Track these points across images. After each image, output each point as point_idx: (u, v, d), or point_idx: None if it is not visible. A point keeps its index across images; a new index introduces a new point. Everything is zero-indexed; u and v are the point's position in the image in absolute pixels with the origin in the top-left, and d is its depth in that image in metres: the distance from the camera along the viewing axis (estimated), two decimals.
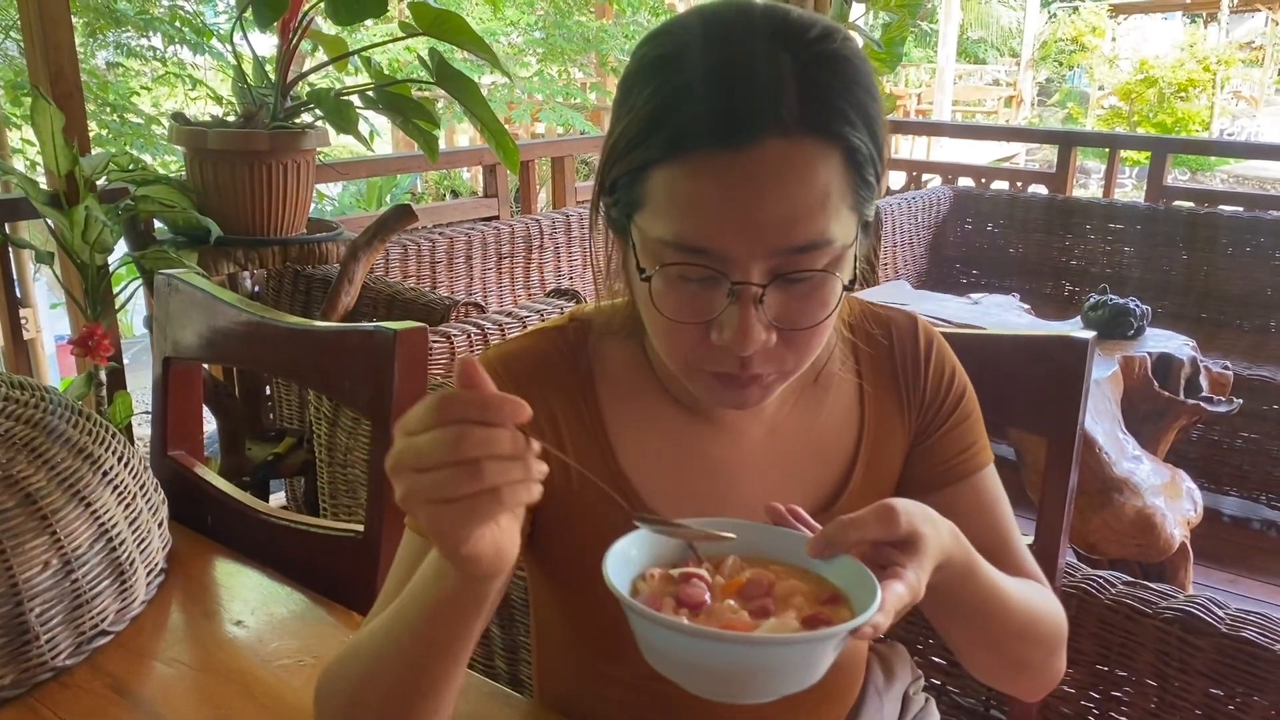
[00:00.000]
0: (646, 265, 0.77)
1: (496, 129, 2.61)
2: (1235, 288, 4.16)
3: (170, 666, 1.06)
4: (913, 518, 0.72)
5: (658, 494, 0.91)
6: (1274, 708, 1.25)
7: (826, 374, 0.95)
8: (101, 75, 6.19)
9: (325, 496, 2.19)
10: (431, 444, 0.61)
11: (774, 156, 0.72)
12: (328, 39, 2.90)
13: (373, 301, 2.66)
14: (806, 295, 0.77)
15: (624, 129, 0.77)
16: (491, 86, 8.83)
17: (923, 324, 0.99)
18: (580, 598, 0.96)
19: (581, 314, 0.96)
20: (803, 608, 0.69)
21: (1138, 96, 13.52)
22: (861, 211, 0.78)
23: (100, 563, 1.09)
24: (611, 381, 0.92)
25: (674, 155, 0.73)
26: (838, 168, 0.74)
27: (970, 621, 0.84)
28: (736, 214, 0.73)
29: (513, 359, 0.92)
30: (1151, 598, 1.34)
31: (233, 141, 2.47)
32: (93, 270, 2.33)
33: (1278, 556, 3.35)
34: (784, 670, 0.66)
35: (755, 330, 0.75)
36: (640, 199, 0.77)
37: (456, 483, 0.61)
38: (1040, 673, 0.94)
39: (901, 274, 4.54)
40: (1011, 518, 0.98)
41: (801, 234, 0.73)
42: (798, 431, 0.94)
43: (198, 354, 1.38)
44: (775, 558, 0.76)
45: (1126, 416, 2.86)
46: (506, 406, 0.62)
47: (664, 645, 0.67)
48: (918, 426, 0.97)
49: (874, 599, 0.66)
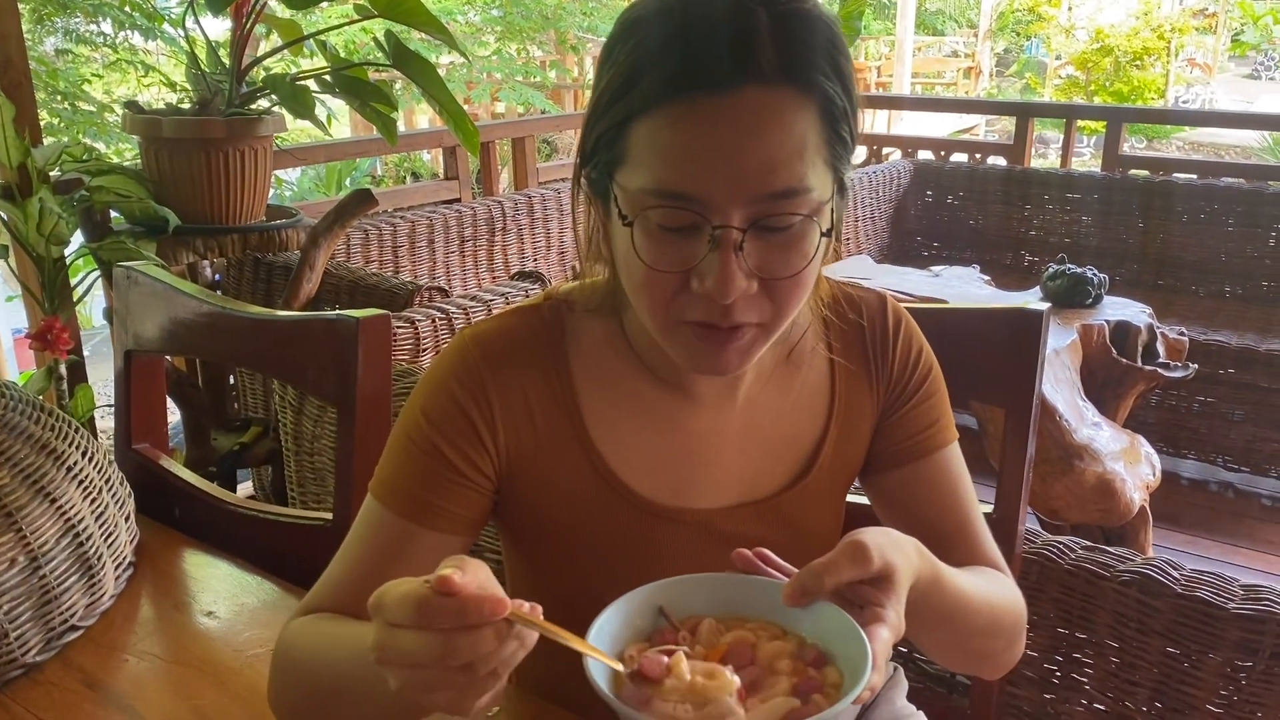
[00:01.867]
0: (629, 214, 0.78)
1: (455, 111, 2.59)
2: (1190, 254, 4.23)
3: (142, 659, 1.06)
4: (884, 551, 0.71)
5: (630, 464, 0.92)
6: (1227, 664, 1.28)
7: (799, 351, 0.96)
8: (50, 63, 6.06)
9: (293, 485, 2.19)
10: (417, 648, 0.61)
11: (753, 103, 0.74)
12: (281, 23, 2.86)
13: (335, 288, 2.64)
14: (786, 245, 0.78)
15: (606, 85, 0.79)
16: (450, 66, 8.74)
17: (892, 303, 1.01)
18: (551, 570, 0.97)
19: (557, 292, 0.96)
20: (789, 673, 0.68)
21: (1094, 66, 13.61)
22: (837, 168, 0.80)
23: (68, 558, 1.09)
24: (586, 358, 0.93)
25: (655, 104, 0.75)
26: (814, 119, 0.76)
27: (936, 628, 0.84)
28: (717, 159, 0.74)
29: (486, 339, 0.92)
30: (1110, 561, 1.38)
31: (188, 129, 2.44)
32: (49, 263, 2.30)
33: (1235, 517, 3.43)
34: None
35: (736, 277, 0.76)
36: (621, 154, 0.78)
37: (449, 679, 0.62)
38: (1000, 660, 0.96)
39: (864, 248, 4.57)
40: (974, 497, 0.99)
41: (780, 180, 0.75)
42: (771, 408, 0.96)
43: (159, 347, 1.37)
44: (750, 613, 0.74)
45: (1086, 384, 2.91)
46: (485, 608, 0.61)
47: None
48: (885, 402, 0.99)
49: (861, 652, 0.65)
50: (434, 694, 0.63)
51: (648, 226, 0.77)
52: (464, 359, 0.91)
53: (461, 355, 0.91)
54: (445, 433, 0.89)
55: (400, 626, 0.62)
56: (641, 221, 0.77)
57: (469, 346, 0.91)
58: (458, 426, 0.89)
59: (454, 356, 0.92)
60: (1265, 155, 11.10)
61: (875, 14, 15.01)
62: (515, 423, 0.90)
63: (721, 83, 0.73)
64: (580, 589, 0.73)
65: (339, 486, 1.20)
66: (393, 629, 0.62)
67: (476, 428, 0.89)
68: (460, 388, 0.90)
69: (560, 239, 3.91)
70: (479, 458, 0.89)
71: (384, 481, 0.90)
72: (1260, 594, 1.27)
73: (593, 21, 9.15)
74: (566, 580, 0.96)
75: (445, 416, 0.89)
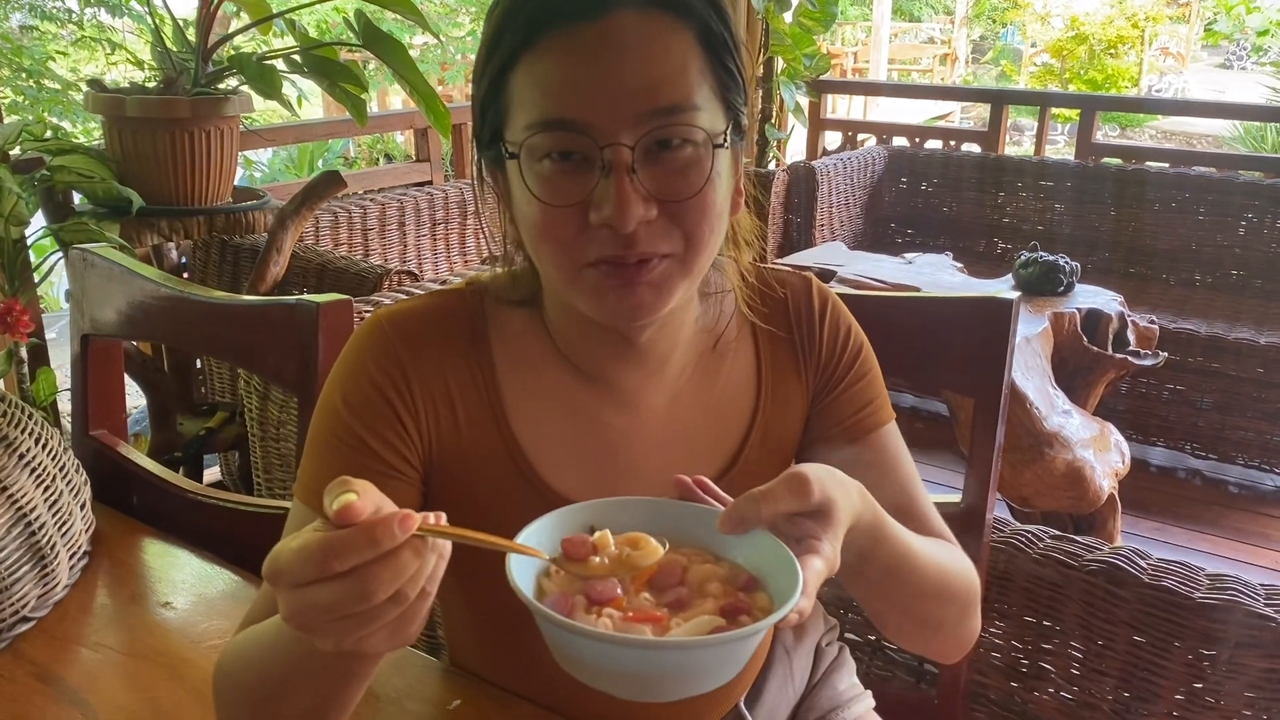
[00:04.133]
0: (514, 152, 0.77)
1: (426, 92, 2.56)
2: (1162, 243, 4.25)
3: (96, 651, 1.04)
4: (824, 484, 0.70)
5: (553, 464, 0.89)
6: (1191, 653, 1.29)
7: (724, 341, 0.94)
8: (15, 40, 5.96)
9: (259, 471, 2.16)
10: (337, 597, 0.57)
11: (626, 25, 0.74)
12: (250, 1, 2.82)
13: (303, 271, 2.61)
14: (684, 166, 0.77)
15: (483, 41, 0.80)
16: (424, 47, 8.67)
17: (817, 284, 0.99)
18: (486, 596, 0.91)
19: (479, 280, 0.93)
20: (719, 595, 0.67)
21: (1069, 53, 13.68)
22: (729, 100, 0.79)
23: (19, 548, 1.06)
24: (508, 348, 0.90)
25: (527, 45, 0.75)
26: (693, 45, 0.76)
27: (881, 582, 0.82)
28: (596, 80, 0.74)
29: (402, 318, 0.88)
30: (1077, 550, 1.37)
31: (152, 109, 2.40)
32: (8, 244, 2.25)
33: (1202, 504, 3.45)
34: (706, 669, 0.64)
35: (631, 200, 0.74)
36: (504, 110, 0.78)
37: (380, 615, 0.59)
38: (954, 634, 0.93)
39: (838, 235, 4.57)
40: (916, 475, 0.97)
41: (664, 96, 0.75)
42: (696, 399, 0.93)
43: (117, 331, 1.34)
44: (684, 538, 0.72)
45: (1056, 371, 2.92)
46: (394, 526, 0.57)
47: (579, 653, 0.64)
48: (816, 387, 0.97)
49: (793, 581, 0.64)
50: (370, 637, 0.59)
51: (537, 161, 0.76)
52: (380, 339, 0.87)
53: (377, 336, 0.87)
54: (366, 420, 0.84)
55: (309, 584, 0.57)
56: (529, 155, 0.76)
57: (384, 326, 0.87)
58: (379, 412, 0.85)
59: (368, 337, 0.87)
60: (1236, 144, 11.18)
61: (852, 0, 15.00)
62: (435, 407, 0.87)
63: (589, 10, 0.74)
64: (505, 587, 0.70)
65: None
66: (302, 590, 0.58)
67: (398, 412, 0.85)
68: (378, 370, 0.86)
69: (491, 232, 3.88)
70: (403, 445, 0.85)
71: (306, 482, 0.86)
72: (1226, 584, 1.27)
73: None
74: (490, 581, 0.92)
75: (365, 403, 0.85)
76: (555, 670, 0.67)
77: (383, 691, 0.95)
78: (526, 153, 0.77)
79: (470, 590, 0.95)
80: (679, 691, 0.64)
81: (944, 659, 0.98)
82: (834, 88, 5.92)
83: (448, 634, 1.07)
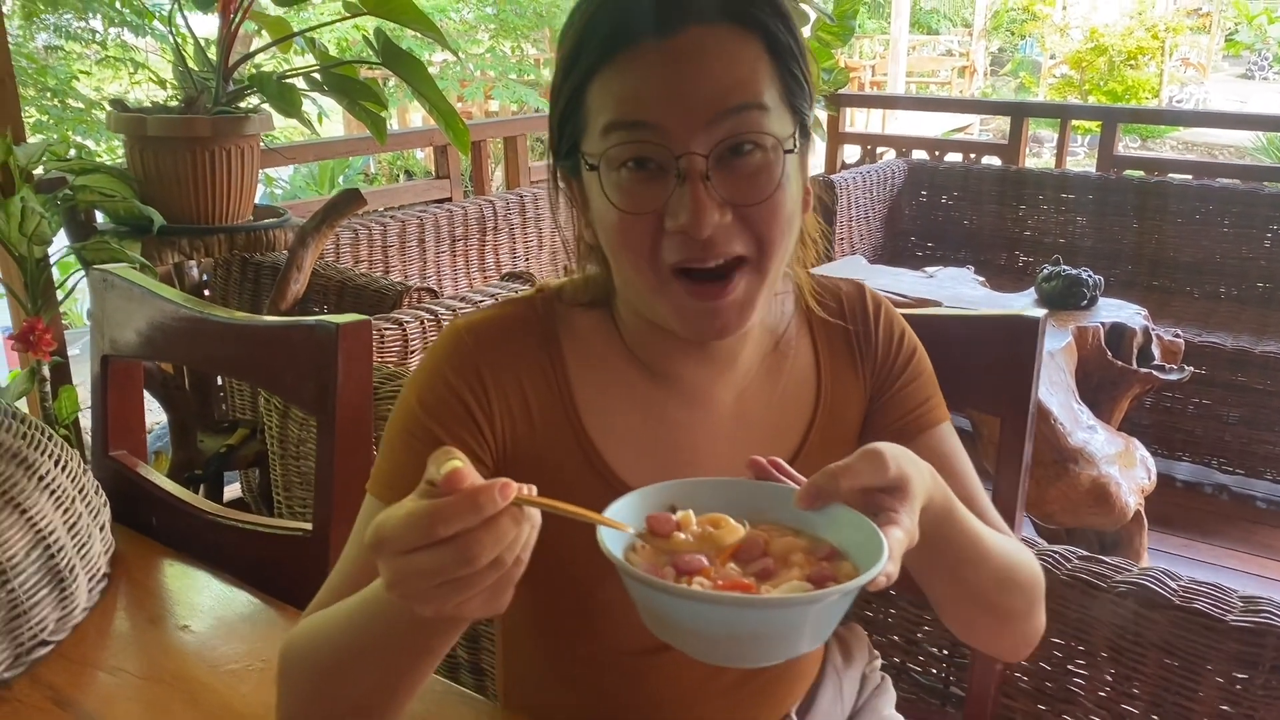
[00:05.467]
0: (595, 161, 0.81)
1: (446, 110, 2.57)
2: (1185, 255, 4.21)
3: (114, 675, 1.03)
4: (900, 460, 0.72)
5: (624, 459, 0.92)
6: (1224, 676, 1.26)
7: (785, 340, 0.97)
8: (40, 60, 6.03)
9: (279, 489, 2.15)
10: (442, 562, 0.60)
11: (698, 39, 0.78)
12: (270, 20, 2.83)
13: (323, 288, 2.61)
14: (754, 171, 0.80)
15: (560, 60, 0.83)
16: (443, 64, 8.72)
17: (869, 290, 1.02)
18: (550, 579, 0.95)
19: (549, 287, 0.96)
20: (804, 565, 0.68)
21: (1088, 65, 13.61)
22: (795, 106, 0.82)
23: (38, 571, 1.06)
24: (579, 349, 0.93)
25: (604, 61, 0.79)
26: (761, 54, 0.80)
27: (952, 567, 0.84)
28: (670, 88, 0.78)
29: (480, 327, 0.92)
30: (1106, 571, 1.35)
31: (174, 128, 2.42)
32: (31, 263, 2.27)
33: (1230, 520, 3.41)
34: (798, 631, 0.64)
35: (708, 206, 0.77)
36: (582, 122, 0.82)
37: (480, 580, 0.61)
38: (1021, 627, 0.94)
39: (858, 249, 4.54)
40: (974, 474, 0.99)
41: (735, 96, 0.78)
42: (760, 395, 0.96)
43: (137, 352, 1.34)
44: (764, 516, 0.73)
45: (1081, 386, 2.89)
46: (497, 494, 0.60)
47: (674, 615, 0.64)
48: (873, 386, 0.99)
49: (876, 548, 0.65)
50: (468, 603, 0.62)
51: (616, 173, 0.80)
52: (458, 346, 0.91)
53: (455, 343, 0.91)
54: (441, 420, 0.88)
55: (414, 550, 0.60)
56: (607, 165, 0.80)
57: (462, 334, 0.91)
58: (454, 413, 0.88)
59: (447, 344, 0.91)
60: (1259, 155, 11.10)
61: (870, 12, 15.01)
62: (510, 410, 0.90)
63: (663, 26, 0.77)
64: (572, 579, 0.72)
65: (318, 497, 1.18)
66: (406, 557, 0.61)
67: (473, 414, 0.88)
68: (455, 374, 0.89)
69: (552, 239, 3.88)
70: (477, 445, 0.88)
71: (380, 477, 0.89)
72: (1259, 606, 1.25)
73: None
74: (558, 570, 0.94)
75: (441, 403, 0.88)
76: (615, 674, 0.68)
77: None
78: (605, 163, 0.80)
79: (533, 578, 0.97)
80: (772, 655, 0.65)
81: (1012, 656, 0.99)
82: (853, 101, 5.91)
83: (502, 654, 1.09)
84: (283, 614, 1.13)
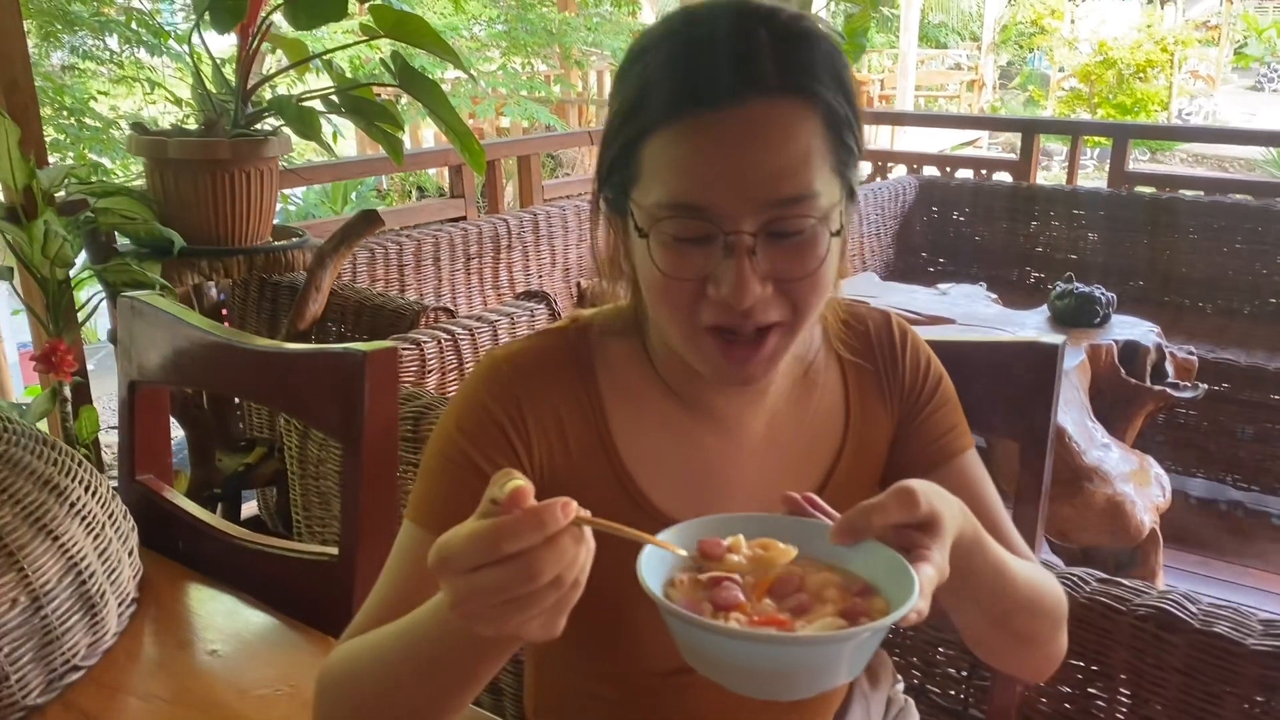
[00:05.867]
0: (645, 228, 0.81)
1: (461, 130, 2.59)
2: (1198, 271, 4.21)
3: (145, 701, 1.05)
4: (930, 498, 0.74)
5: (659, 487, 0.94)
6: (1244, 700, 1.26)
7: (814, 369, 0.99)
8: (57, 79, 6.08)
9: (298, 508, 2.17)
10: (505, 579, 0.62)
11: (757, 115, 0.78)
12: (287, 41, 2.86)
13: (341, 308, 2.63)
14: (798, 248, 0.81)
15: (616, 109, 0.84)
16: (455, 82, 8.76)
17: (896, 318, 1.04)
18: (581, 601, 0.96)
19: (581, 317, 0.98)
20: (837, 600, 0.70)
21: (1097, 78, 13.62)
22: (845, 175, 0.83)
23: (70, 597, 1.07)
24: (613, 379, 0.95)
25: (664, 122, 0.79)
26: (818, 127, 0.80)
27: (979, 597, 0.86)
28: (725, 169, 0.78)
29: (519, 357, 0.94)
30: (1125, 595, 1.35)
31: (194, 150, 2.44)
32: (53, 285, 2.29)
33: (1245, 537, 3.40)
34: (831, 666, 0.66)
35: (750, 281, 0.79)
36: (635, 173, 0.82)
37: (541, 599, 0.63)
38: (1046, 650, 0.96)
39: (870, 265, 4.55)
40: (999, 499, 1.01)
41: (788, 187, 0.78)
42: (790, 423, 0.98)
43: (164, 377, 1.36)
44: (800, 550, 0.75)
45: (1094, 404, 2.89)
46: (560, 513, 0.62)
47: (711, 651, 0.66)
48: (900, 414, 1.01)
49: (908, 585, 0.67)
50: (528, 623, 0.64)
51: (663, 238, 0.81)
52: (497, 375, 0.93)
53: (494, 372, 0.93)
54: (480, 445, 0.89)
55: (478, 569, 0.62)
56: (657, 234, 0.81)
57: (501, 364, 0.93)
58: (492, 439, 0.90)
59: (486, 374, 0.93)
60: (1270, 168, 11.08)
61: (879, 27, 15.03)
62: (548, 438, 0.92)
63: (724, 97, 0.77)
64: (604, 600, 0.74)
65: (345, 523, 1.19)
66: (470, 575, 0.62)
67: (511, 441, 0.90)
68: (494, 402, 0.91)
69: (565, 256, 3.90)
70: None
71: (418, 503, 0.91)
72: (1279, 629, 1.25)
73: (597, 36, 9.17)
74: (590, 591, 0.95)
75: (479, 429, 0.90)
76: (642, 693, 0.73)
77: None
78: (653, 223, 0.81)
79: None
80: (807, 689, 0.67)
81: (1035, 677, 1.03)
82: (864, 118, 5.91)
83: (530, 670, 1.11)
84: (309, 639, 1.14)
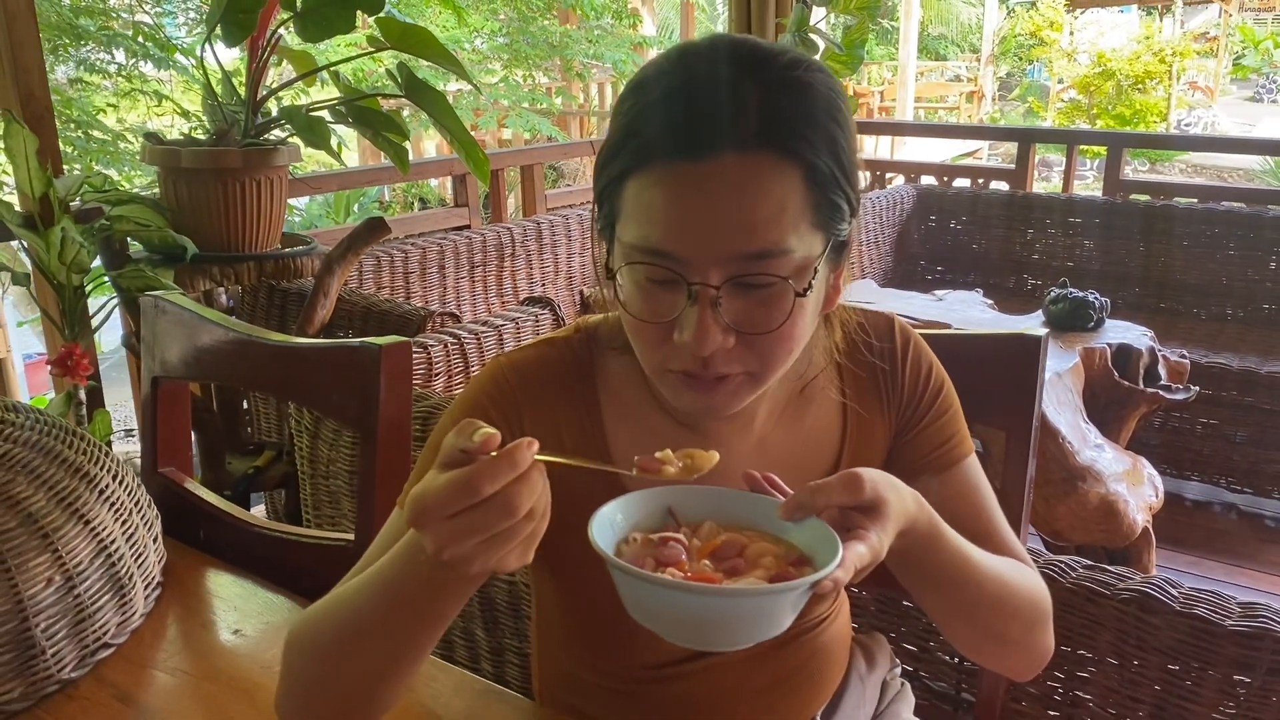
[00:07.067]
0: (614, 266, 0.84)
1: (466, 140, 2.64)
2: (1191, 278, 4.27)
3: (172, 676, 1.10)
4: (876, 484, 0.78)
5: None
6: (1226, 680, 1.31)
7: (812, 387, 1.00)
8: (64, 92, 6.15)
9: (308, 507, 2.22)
10: (487, 518, 0.67)
11: (731, 169, 0.77)
12: (294, 53, 2.92)
13: (348, 314, 2.69)
14: (766, 302, 0.81)
15: (609, 138, 0.84)
16: (458, 94, 8.84)
17: (899, 324, 1.04)
18: (579, 595, 1.02)
19: (587, 325, 1.00)
20: (771, 567, 0.76)
21: (1096, 89, 13.69)
22: (829, 230, 0.82)
23: (101, 578, 1.13)
24: (612, 393, 0.97)
25: (642, 165, 0.80)
26: (796, 184, 0.78)
27: (942, 588, 0.89)
28: (694, 220, 0.78)
29: (523, 366, 0.97)
30: (1109, 580, 1.40)
31: (206, 160, 2.50)
32: (69, 291, 2.35)
33: (1238, 538, 3.45)
34: (750, 619, 0.72)
35: (712, 331, 0.79)
36: (619, 207, 0.83)
37: (518, 531, 0.69)
38: (1023, 648, 0.98)
39: (868, 273, 4.61)
40: (994, 504, 1.03)
41: (757, 241, 0.78)
42: (782, 441, 0.99)
43: (184, 373, 1.41)
44: (750, 523, 0.82)
45: (1088, 406, 2.94)
46: (530, 449, 0.68)
47: (642, 598, 0.73)
48: (898, 424, 1.02)
49: (834, 557, 0.73)
50: (508, 556, 0.70)
51: (635, 278, 0.82)
52: (499, 383, 0.95)
53: (496, 379, 0.95)
54: None
55: (459, 513, 0.67)
56: (630, 272, 0.82)
57: (504, 371, 0.96)
58: None
59: (489, 380, 0.96)
60: (1267, 178, 11.14)
61: (878, 39, 15.14)
62: (544, 447, 0.94)
63: (701, 149, 0.77)
64: (602, 595, 0.78)
65: (361, 508, 1.24)
66: (453, 519, 0.67)
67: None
68: (495, 407, 0.94)
69: (568, 264, 3.96)
70: None
71: (408, 492, 0.93)
72: (1257, 611, 1.30)
73: (598, 49, 9.25)
74: (592, 603, 1.00)
75: None
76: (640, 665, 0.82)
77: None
78: (624, 263, 0.83)
79: (566, 599, 1.04)
80: (733, 640, 0.73)
81: (1020, 675, 1.03)
82: (862, 128, 5.99)
83: (537, 666, 1.15)
84: None
